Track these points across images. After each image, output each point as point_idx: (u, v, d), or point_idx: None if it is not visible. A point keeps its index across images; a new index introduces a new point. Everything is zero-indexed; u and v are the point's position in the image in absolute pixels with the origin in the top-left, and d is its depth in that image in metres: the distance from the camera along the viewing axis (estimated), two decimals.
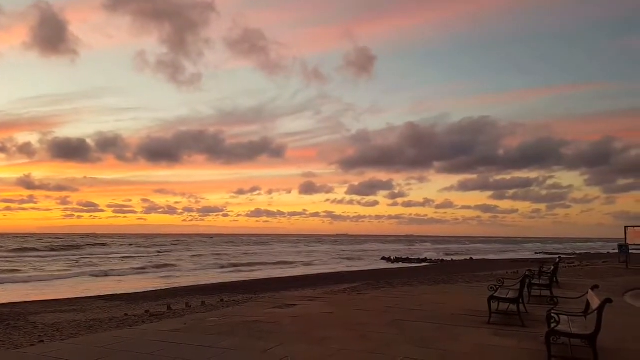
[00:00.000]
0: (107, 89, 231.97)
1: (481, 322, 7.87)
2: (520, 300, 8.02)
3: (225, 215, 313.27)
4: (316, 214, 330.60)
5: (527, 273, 9.35)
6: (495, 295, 8.03)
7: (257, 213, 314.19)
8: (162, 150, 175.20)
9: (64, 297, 19.11)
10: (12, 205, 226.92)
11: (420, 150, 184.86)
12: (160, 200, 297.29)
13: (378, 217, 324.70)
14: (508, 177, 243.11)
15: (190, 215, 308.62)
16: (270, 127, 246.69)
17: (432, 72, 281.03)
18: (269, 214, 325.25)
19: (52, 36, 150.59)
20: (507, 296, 8.02)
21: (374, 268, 38.49)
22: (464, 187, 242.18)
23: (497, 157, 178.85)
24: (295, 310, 9.37)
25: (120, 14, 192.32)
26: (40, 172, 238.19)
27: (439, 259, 51.61)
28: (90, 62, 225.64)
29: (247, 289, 20.56)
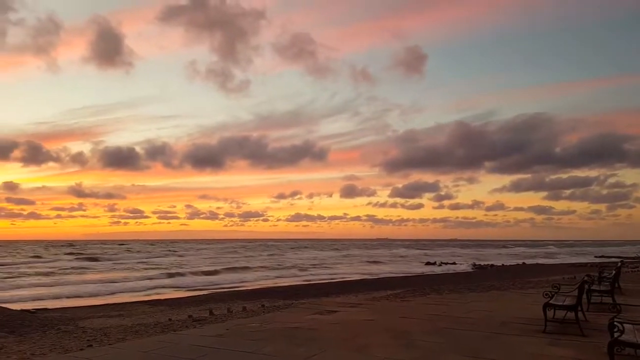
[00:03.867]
0: (155, 98, 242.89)
1: (536, 331, 7.58)
2: (579, 308, 7.67)
3: (265, 220, 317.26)
4: (357, 218, 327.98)
5: (585, 278, 8.93)
6: (550, 302, 7.71)
7: (297, 217, 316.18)
8: (206, 157, 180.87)
9: (110, 302, 19.97)
10: (62, 213, 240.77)
11: (470, 149, 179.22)
12: (203, 205, 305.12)
13: (422, 220, 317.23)
14: (565, 176, 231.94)
15: (232, 221, 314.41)
16: (313, 130, 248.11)
17: (481, 66, 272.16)
18: (309, 218, 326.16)
19: (109, 49, 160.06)
20: (564, 303, 7.69)
21: (416, 273, 37.93)
22: (516, 187, 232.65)
23: (554, 155, 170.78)
24: (336, 317, 9.36)
25: (173, 25, 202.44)
26: (91, 180, 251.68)
27: (488, 264, 50.13)
28: (142, 72, 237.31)
29: (287, 294, 20.74)
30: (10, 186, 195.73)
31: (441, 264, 52.66)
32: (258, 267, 43.24)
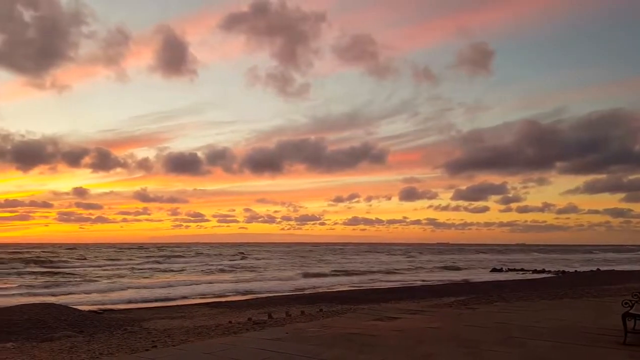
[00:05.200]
0: (216, 104, 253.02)
1: (614, 343, 7.19)
2: None
3: (322, 224, 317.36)
4: (417, 222, 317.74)
5: None
6: (631, 311, 7.30)
7: (354, 221, 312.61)
8: (265, 161, 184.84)
9: (172, 305, 20.95)
10: (128, 217, 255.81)
11: (540, 149, 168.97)
12: (261, 209, 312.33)
13: (487, 224, 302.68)
14: None
15: (288, 224, 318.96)
16: (372, 132, 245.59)
17: (551, 62, 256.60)
18: (367, 221, 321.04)
19: (174, 58, 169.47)
20: None
21: (481, 280, 36.79)
22: (591, 189, 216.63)
23: (633, 153, 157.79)
24: (397, 324, 9.33)
25: (234, 32, 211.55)
26: (155, 185, 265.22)
27: (560, 270, 47.76)
28: (204, 79, 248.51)
29: (344, 299, 20.84)
30: (80, 191, 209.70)
31: (508, 269, 50.73)
32: (332, 272, 43.24)
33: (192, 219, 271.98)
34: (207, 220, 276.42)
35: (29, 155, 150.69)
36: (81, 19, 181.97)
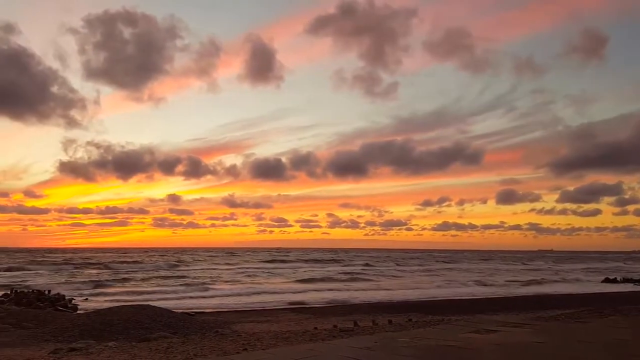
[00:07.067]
0: (301, 108, 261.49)
1: None
2: None
3: (409, 229, 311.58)
4: (517, 227, 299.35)
5: None
6: None
7: (445, 226, 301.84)
8: (348, 164, 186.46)
9: (257, 309, 21.71)
10: (216, 222, 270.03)
11: None
12: (344, 214, 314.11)
13: (599, 229, 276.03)
14: None
15: (373, 229, 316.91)
16: (465, 130, 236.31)
17: None
18: (458, 227, 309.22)
19: (262, 67, 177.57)
20: None
21: (592, 291, 34.03)
22: None
23: None
24: (497, 337, 8.87)
25: (320, 35, 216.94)
26: (241, 191, 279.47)
27: None
28: (290, 85, 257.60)
29: (435, 309, 20.30)
30: (174, 198, 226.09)
31: (623, 280, 46.47)
32: (471, 282, 42.21)
33: (275, 224, 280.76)
34: (290, 226, 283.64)
35: (127, 164, 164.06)
36: (176, 33, 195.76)
